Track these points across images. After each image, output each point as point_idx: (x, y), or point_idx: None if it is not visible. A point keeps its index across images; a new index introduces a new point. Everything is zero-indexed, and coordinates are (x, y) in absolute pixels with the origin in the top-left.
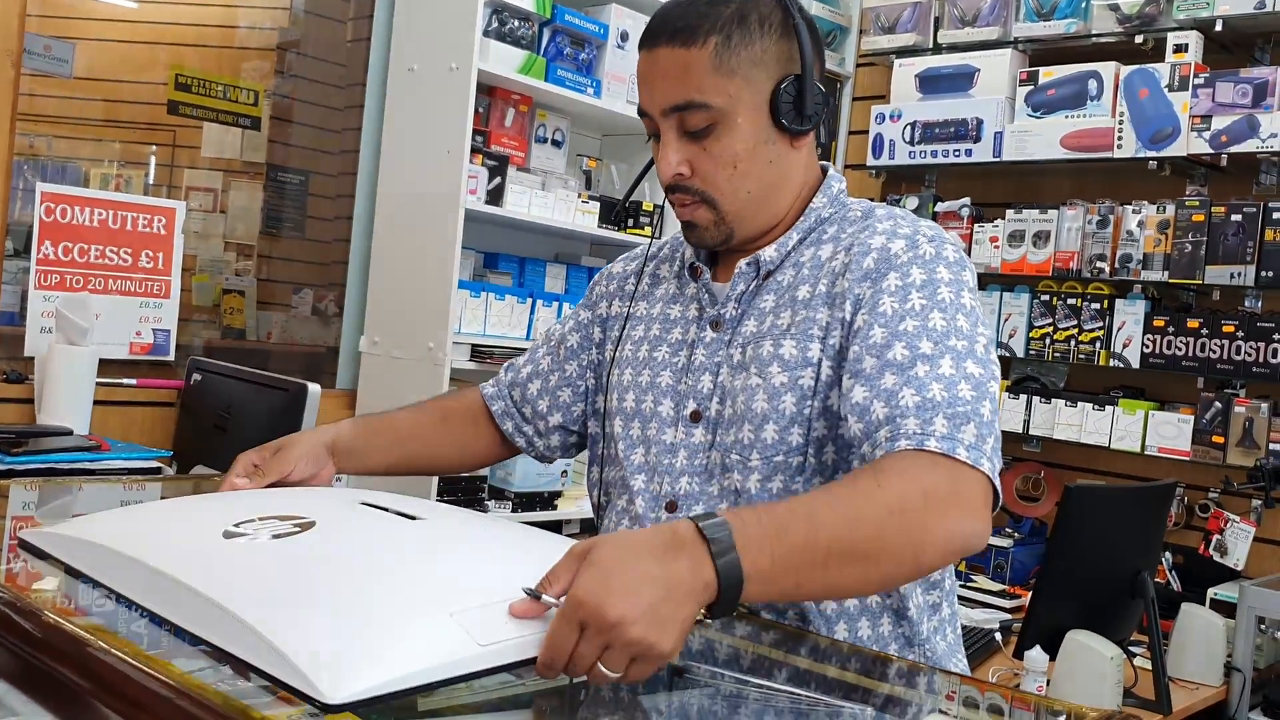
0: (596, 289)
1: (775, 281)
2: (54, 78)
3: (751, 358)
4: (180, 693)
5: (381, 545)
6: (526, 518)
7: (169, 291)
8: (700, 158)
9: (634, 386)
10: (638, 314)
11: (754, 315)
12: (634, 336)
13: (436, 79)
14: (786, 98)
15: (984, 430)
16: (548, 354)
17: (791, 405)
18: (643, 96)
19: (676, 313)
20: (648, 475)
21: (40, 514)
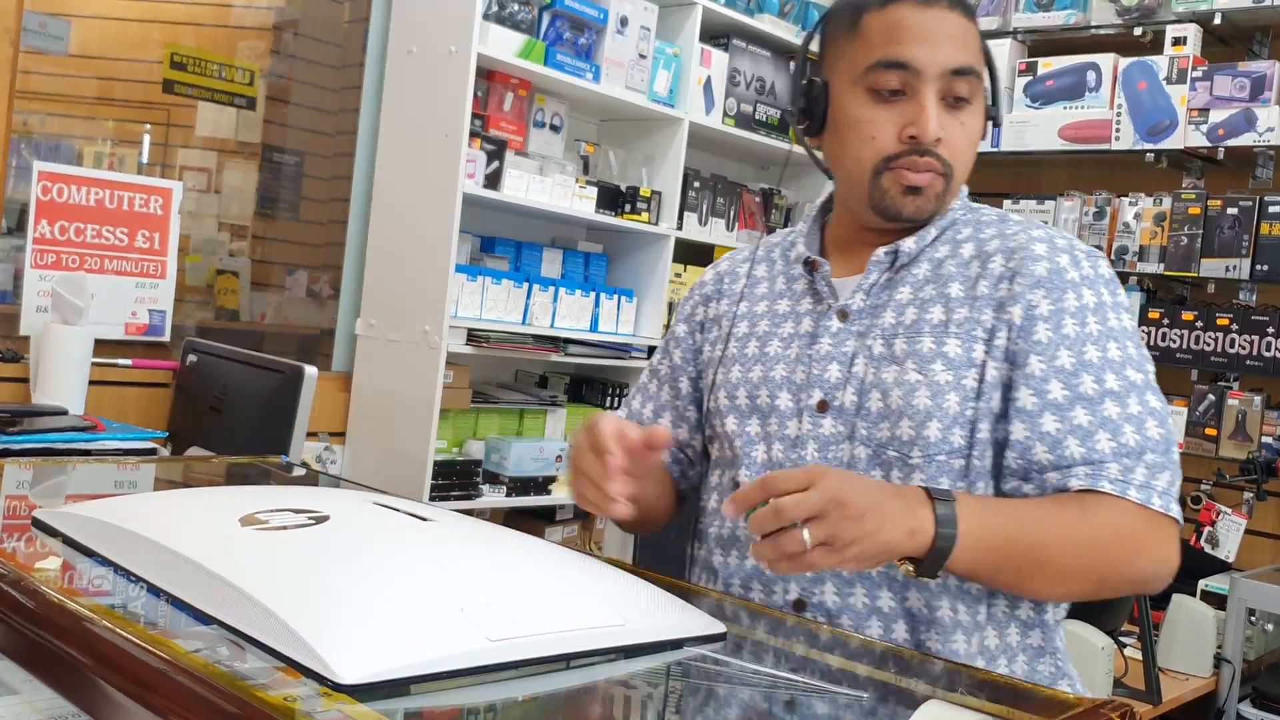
0: (688, 303)
1: (910, 275)
2: (49, 55)
3: (906, 352)
4: (185, 671)
5: (394, 540)
6: (520, 502)
7: (165, 272)
8: (955, 129)
9: (745, 383)
10: (738, 313)
11: (890, 308)
12: (738, 334)
13: (435, 62)
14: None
15: (1174, 475)
16: (660, 384)
17: (955, 405)
18: (914, 49)
19: (785, 307)
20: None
21: (34, 494)
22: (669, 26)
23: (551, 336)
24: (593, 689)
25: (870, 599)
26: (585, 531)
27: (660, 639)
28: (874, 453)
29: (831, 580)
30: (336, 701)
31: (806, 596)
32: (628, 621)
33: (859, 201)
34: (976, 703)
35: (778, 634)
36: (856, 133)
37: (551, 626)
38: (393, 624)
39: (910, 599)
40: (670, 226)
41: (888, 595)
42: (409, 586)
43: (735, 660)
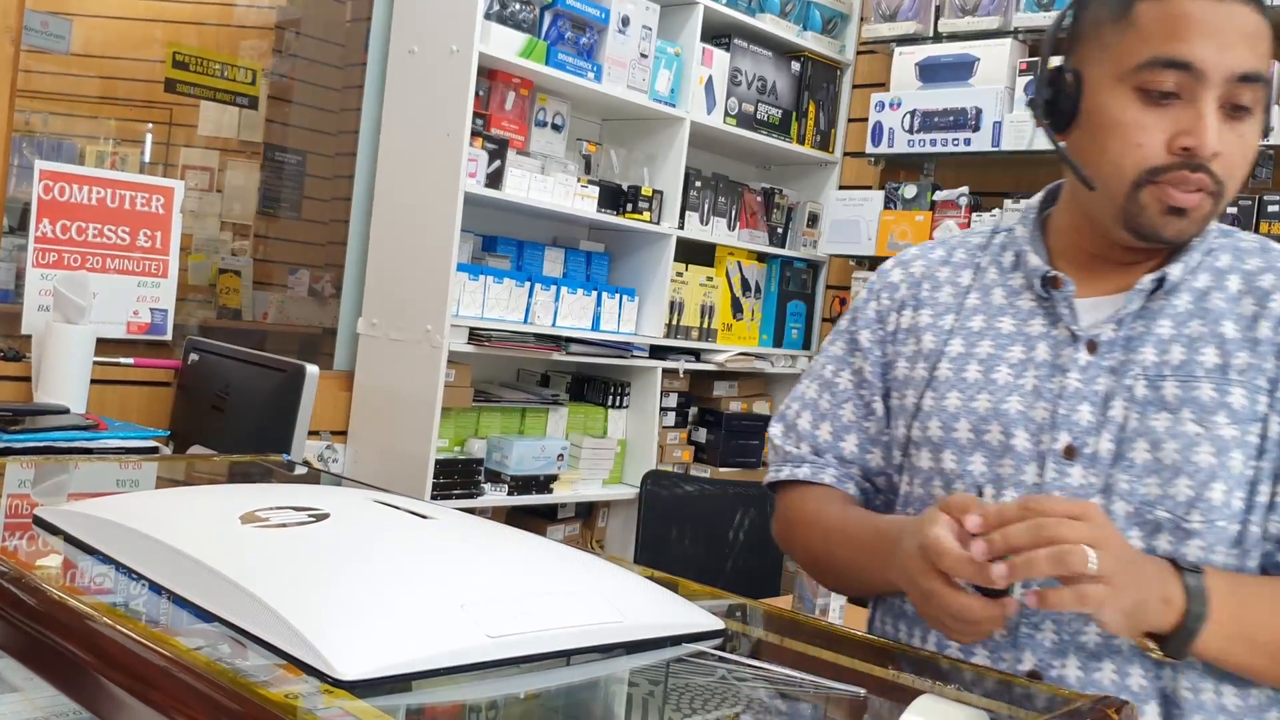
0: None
1: (1170, 305)
2: (51, 54)
3: (1181, 399)
4: (186, 668)
5: (394, 538)
6: (522, 501)
7: (167, 271)
8: (1232, 144)
9: (967, 412)
10: (944, 326)
11: (1149, 343)
12: (951, 353)
13: (437, 61)
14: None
15: None
16: (839, 400)
17: (1239, 464)
18: (1200, 48)
19: (1009, 326)
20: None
21: (36, 492)
22: (670, 26)
23: (553, 335)
24: (591, 685)
25: (1120, 676)
26: (587, 530)
27: (659, 635)
28: (1136, 510)
29: (1075, 654)
30: (338, 699)
31: (1044, 669)
32: (626, 618)
33: (1108, 214)
34: (971, 697)
35: (776, 631)
36: (1119, 137)
37: (551, 623)
38: (393, 620)
39: (1165, 678)
40: (672, 226)
41: (1139, 673)
42: (409, 583)
43: (734, 656)
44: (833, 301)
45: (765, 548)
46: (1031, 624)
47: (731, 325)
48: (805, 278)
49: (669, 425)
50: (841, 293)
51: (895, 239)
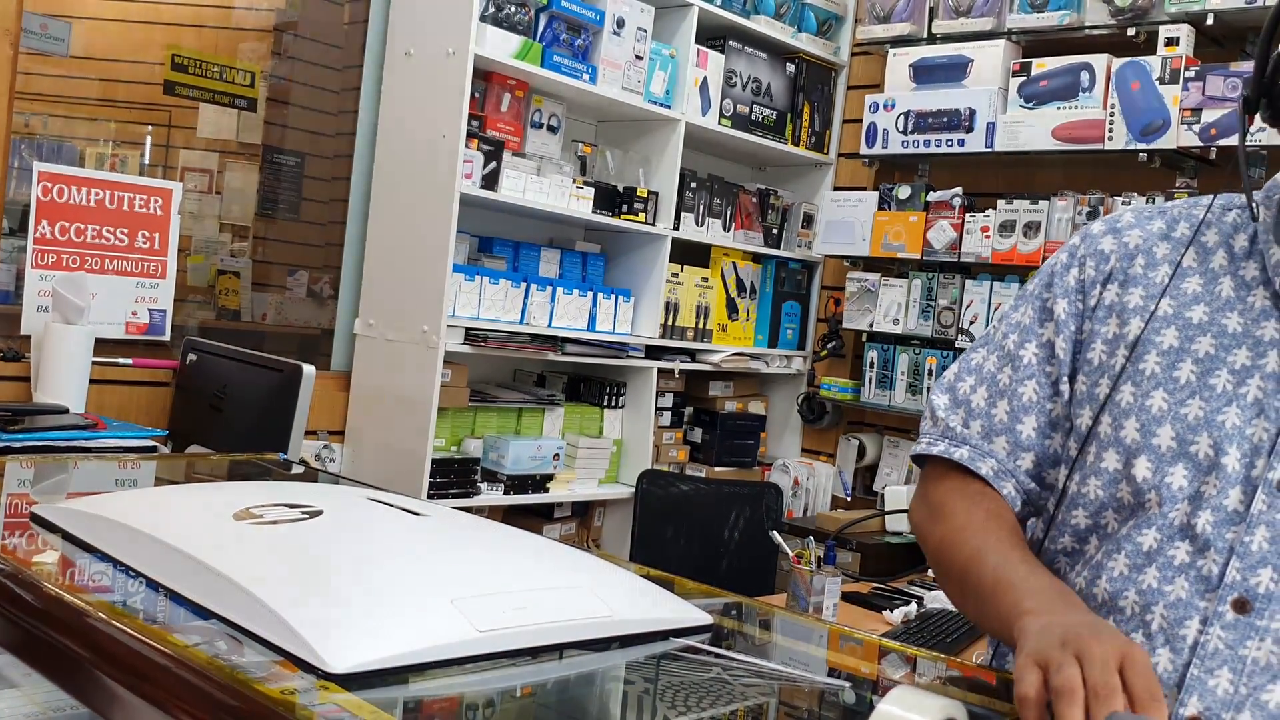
0: (1072, 272)
1: None
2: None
3: None
4: (183, 664)
5: (387, 534)
6: (518, 500)
7: (165, 272)
8: None
9: (1172, 419)
10: (1158, 313)
11: None
12: (1161, 345)
13: (433, 63)
14: None
15: None
16: (1020, 375)
17: None
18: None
19: (1237, 325)
20: (1195, 547)
21: (36, 491)
22: (665, 28)
23: (549, 336)
24: (580, 679)
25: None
26: (583, 529)
27: (647, 630)
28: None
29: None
30: (333, 693)
31: (1210, 718)
32: (615, 612)
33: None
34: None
35: (767, 627)
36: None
37: (540, 617)
38: (383, 614)
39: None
40: (667, 226)
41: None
42: (399, 578)
43: (720, 650)
44: (827, 302)
45: (760, 546)
46: (1205, 667)
47: (726, 326)
48: (800, 278)
49: (664, 425)
50: (836, 293)
51: (890, 240)
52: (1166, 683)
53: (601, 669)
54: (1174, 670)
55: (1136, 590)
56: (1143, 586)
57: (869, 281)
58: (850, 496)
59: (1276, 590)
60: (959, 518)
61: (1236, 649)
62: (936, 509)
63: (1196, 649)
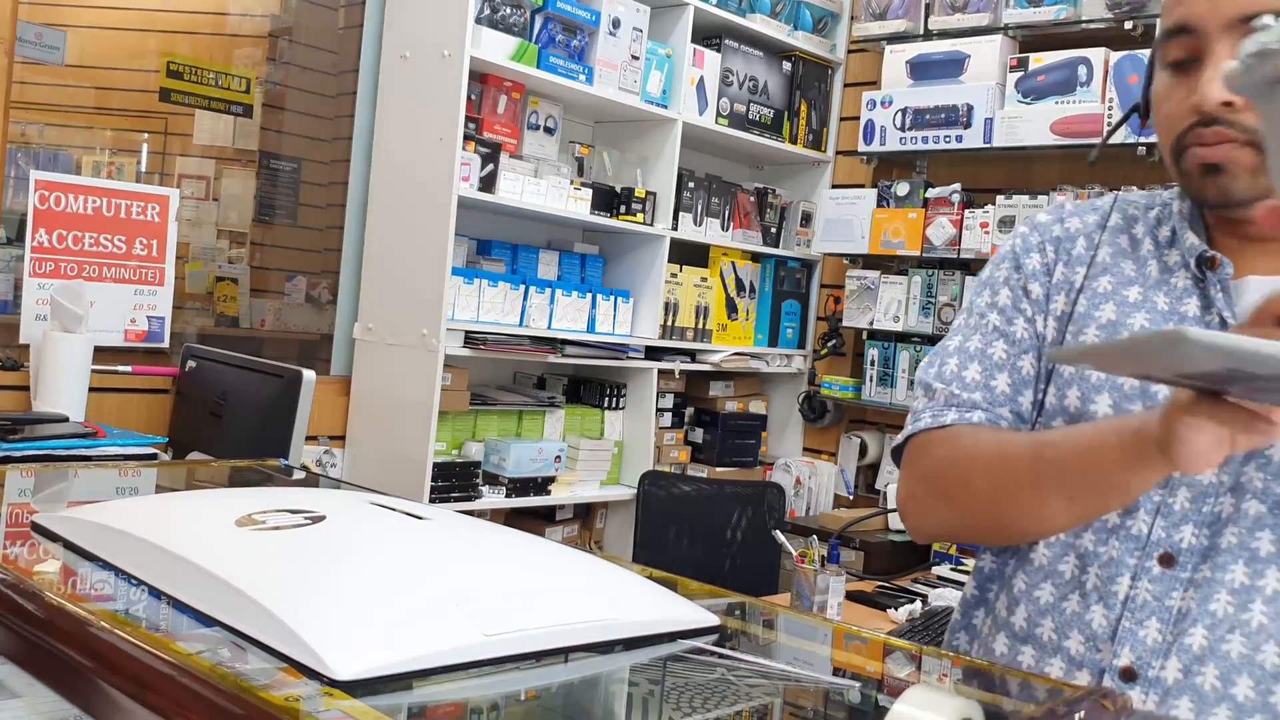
0: (1041, 256)
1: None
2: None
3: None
4: (187, 672)
5: (390, 539)
6: (520, 503)
7: (163, 279)
8: None
9: (1110, 388)
10: (1100, 289)
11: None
12: (1100, 320)
13: (429, 66)
14: None
15: None
16: (1026, 351)
17: None
18: (1192, 7)
19: (1165, 304)
20: (1127, 511)
21: (36, 500)
22: (661, 28)
23: (549, 338)
24: (588, 682)
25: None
26: (585, 531)
27: (654, 632)
28: (1270, 511)
29: (1178, 655)
30: (338, 700)
31: (1141, 667)
32: (621, 615)
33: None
34: (965, 689)
35: (773, 627)
36: (1155, 115)
37: (546, 621)
38: (388, 620)
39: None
40: (665, 227)
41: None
42: (404, 583)
43: (729, 652)
44: (827, 300)
45: (763, 546)
46: (1135, 618)
47: (726, 325)
48: (799, 277)
49: (665, 426)
50: (836, 291)
51: (889, 237)
52: (1100, 636)
53: (608, 672)
54: (1108, 624)
55: (1076, 555)
56: (1081, 550)
57: (869, 279)
58: (853, 495)
59: (1197, 544)
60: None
61: (1163, 600)
62: (956, 457)
63: (1127, 603)
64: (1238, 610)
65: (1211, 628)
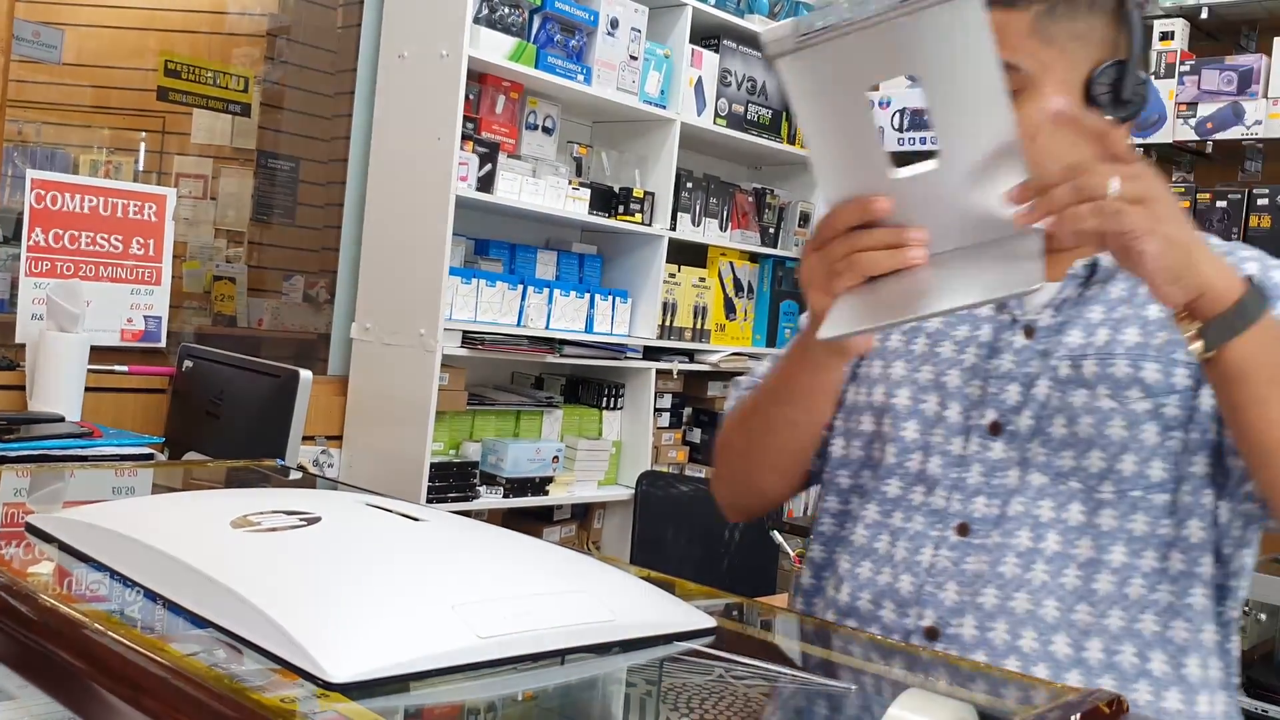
0: None
1: (1104, 293)
2: (43, 64)
3: (1098, 376)
4: (181, 675)
5: (386, 540)
6: (517, 503)
7: (160, 278)
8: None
9: (909, 382)
10: None
11: (1079, 326)
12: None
13: (427, 66)
14: (1104, 81)
15: None
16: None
17: (1154, 435)
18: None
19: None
20: (926, 487)
21: (32, 500)
22: (659, 28)
23: (547, 338)
24: (584, 685)
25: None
26: (583, 531)
27: (650, 634)
28: (1051, 481)
29: (973, 614)
30: (333, 702)
31: (942, 626)
32: (618, 617)
33: None
34: (960, 692)
35: (770, 629)
36: None
37: (542, 623)
38: (384, 622)
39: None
40: (664, 227)
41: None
42: (400, 585)
43: (725, 654)
44: None
45: (760, 546)
46: (936, 583)
47: (724, 326)
48: (798, 277)
49: (663, 426)
50: None
51: None
52: (908, 602)
53: (604, 674)
54: (913, 590)
55: (888, 532)
56: (892, 528)
57: None
58: None
59: (989, 513)
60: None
61: (959, 565)
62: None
63: (930, 570)
64: (1023, 571)
65: (1001, 587)
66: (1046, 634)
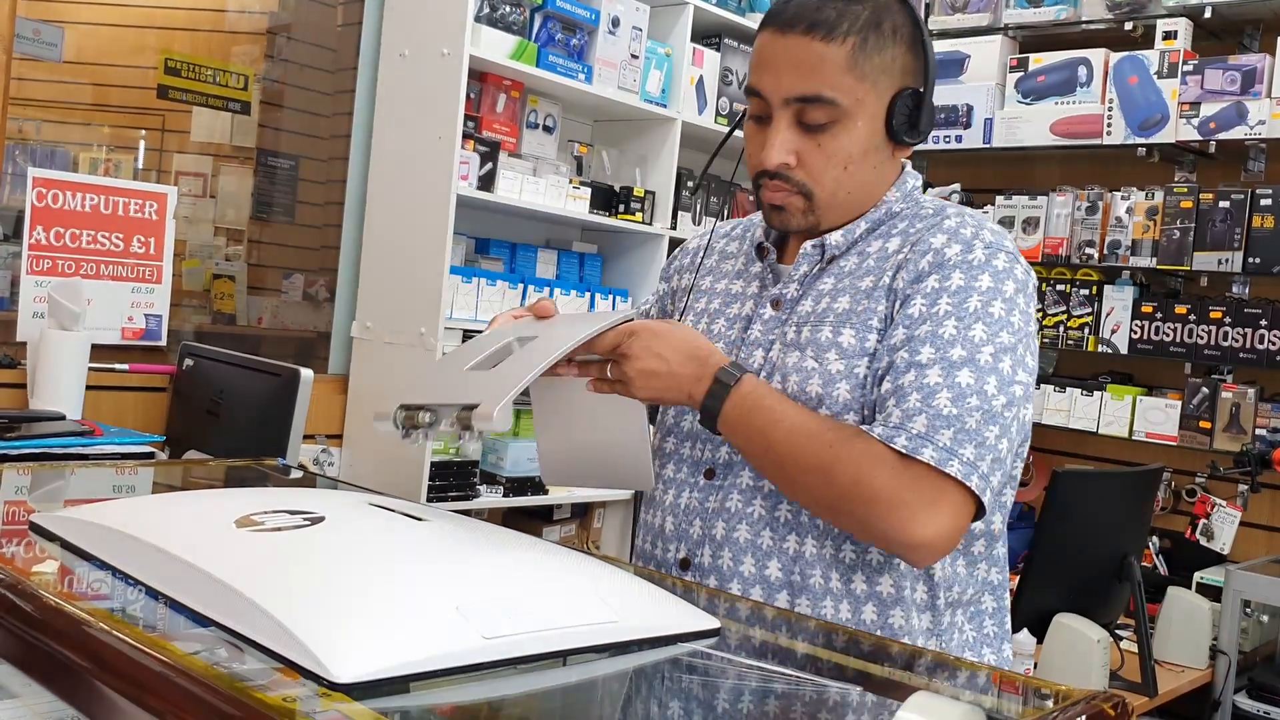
0: (673, 263)
1: (838, 267)
2: (43, 62)
3: (808, 340)
4: (184, 673)
5: (389, 540)
6: (517, 502)
7: (160, 277)
8: (811, 152)
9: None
10: (703, 287)
11: (812, 296)
12: (696, 308)
13: (428, 64)
14: (904, 109)
15: (983, 450)
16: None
17: (846, 393)
18: (762, 78)
19: (738, 288)
20: (691, 442)
21: (33, 499)
22: (660, 26)
23: None
24: (588, 686)
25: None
26: (583, 530)
27: (654, 635)
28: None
29: (709, 544)
30: (335, 701)
31: (691, 557)
32: (621, 618)
33: None
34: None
35: (772, 629)
36: (746, 146)
37: (545, 624)
38: (388, 623)
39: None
40: (664, 226)
41: (776, 566)
42: (404, 585)
43: (728, 655)
44: None
45: None
46: (688, 520)
47: None
48: None
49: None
50: None
51: None
52: (669, 538)
53: (607, 675)
54: (674, 528)
55: (662, 482)
56: (665, 478)
57: None
58: None
59: (732, 460)
60: None
61: (703, 504)
62: None
63: (685, 510)
64: (744, 505)
65: (728, 520)
66: (762, 560)
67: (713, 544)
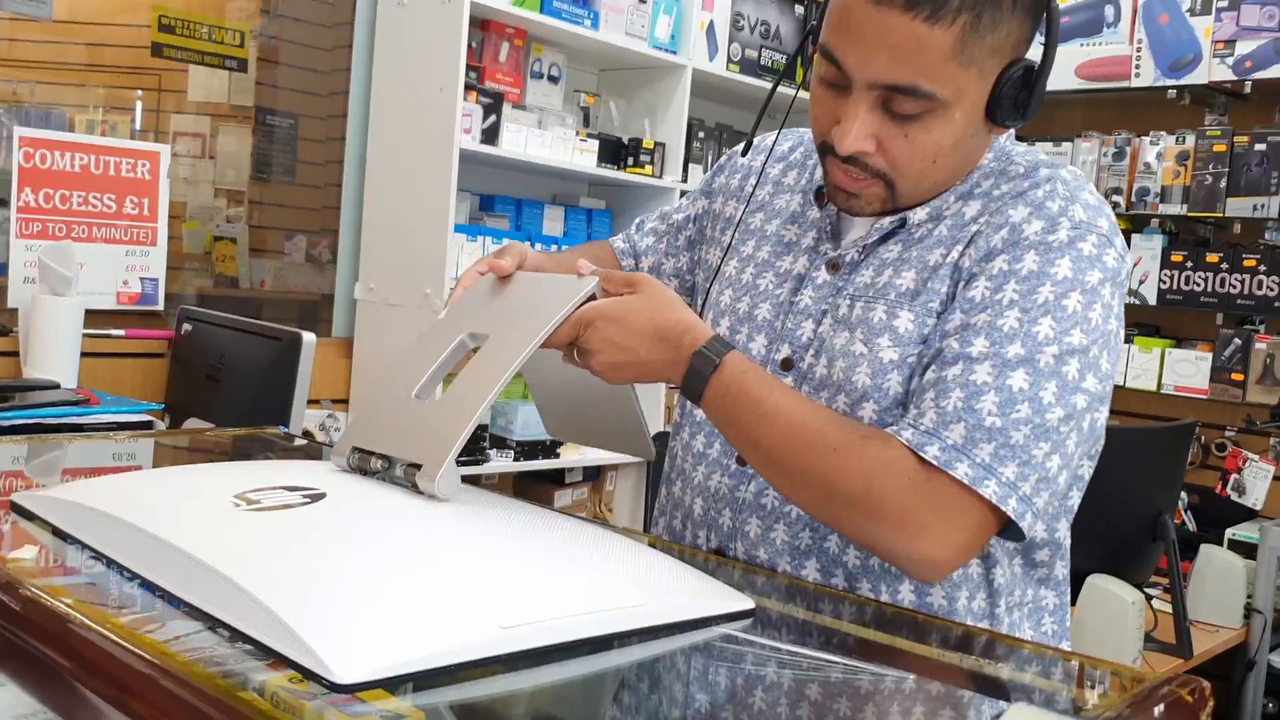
0: (718, 179)
1: (908, 234)
2: (34, 21)
3: (859, 319)
4: (169, 674)
5: (396, 520)
6: (529, 466)
7: (155, 239)
8: (896, 141)
9: (730, 312)
10: (752, 226)
11: (874, 264)
12: (742, 253)
13: (427, 13)
14: (1011, 90)
15: (1026, 469)
16: (663, 235)
17: (897, 385)
18: (846, 50)
19: (792, 235)
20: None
21: (26, 472)
22: None
23: None
24: (614, 675)
25: (791, 536)
26: (595, 494)
27: (684, 618)
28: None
29: (741, 541)
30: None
31: (724, 548)
32: (649, 601)
33: None
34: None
35: (810, 608)
36: (811, 104)
37: (568, 610)
38: (396, 614)
39: (831, 541)
40: (675, 179)
41: (814, 566)
42: (413, 571)
43: (765, 639)
44: None
45: None
46: (717, 508)
47: None
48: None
49: (675, 386)
50: None
51: None
52: (701, 523)
53: (634, 665)
54: (702, 513)
55: (692, 455)
56: (694, 450)
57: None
58: None
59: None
60: None
61: (734, 492)
62: None
63: (715, 494)
64: (781, 504)
65: (763, 518)
66: (800, 560)
67: (746, 541)
